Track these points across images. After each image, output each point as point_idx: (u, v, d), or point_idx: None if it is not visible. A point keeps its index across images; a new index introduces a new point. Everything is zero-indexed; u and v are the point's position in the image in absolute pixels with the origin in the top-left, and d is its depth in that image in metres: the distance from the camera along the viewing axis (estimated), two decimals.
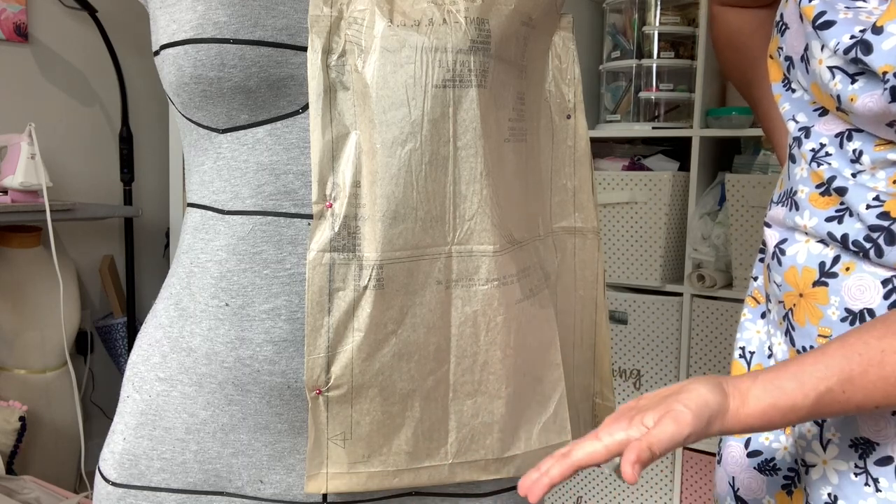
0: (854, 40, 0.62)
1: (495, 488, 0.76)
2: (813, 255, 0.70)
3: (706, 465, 2.07)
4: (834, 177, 0.68)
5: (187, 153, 0.73)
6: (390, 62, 0.64)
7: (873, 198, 0.65)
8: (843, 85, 0.64)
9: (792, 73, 0.73)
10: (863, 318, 0.66)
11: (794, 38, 0.71)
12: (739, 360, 0.81)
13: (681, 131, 2.10)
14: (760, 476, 0.76)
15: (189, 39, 0.64)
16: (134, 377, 0.74)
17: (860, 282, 0.66)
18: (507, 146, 0.71)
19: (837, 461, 0.68)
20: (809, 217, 0.70)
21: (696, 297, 2.05)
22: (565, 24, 0.79)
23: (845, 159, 0.67)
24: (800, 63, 0.70)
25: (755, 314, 0.82)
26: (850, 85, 0.63)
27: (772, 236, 0.75)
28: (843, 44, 0.63)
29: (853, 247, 0.66)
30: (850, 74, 0.63)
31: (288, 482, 0.71)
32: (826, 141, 0.69)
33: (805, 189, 0.70)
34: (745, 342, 0.82)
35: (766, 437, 0.77)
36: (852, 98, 0.63)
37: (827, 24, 0.65)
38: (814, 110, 0.71)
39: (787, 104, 0.74)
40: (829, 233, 0.68)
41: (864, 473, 0.66)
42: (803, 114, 0.72)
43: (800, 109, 0.72)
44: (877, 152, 0.65)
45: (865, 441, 0.66)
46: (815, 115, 0.71)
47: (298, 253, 0.66)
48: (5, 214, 2.02)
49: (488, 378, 0.70)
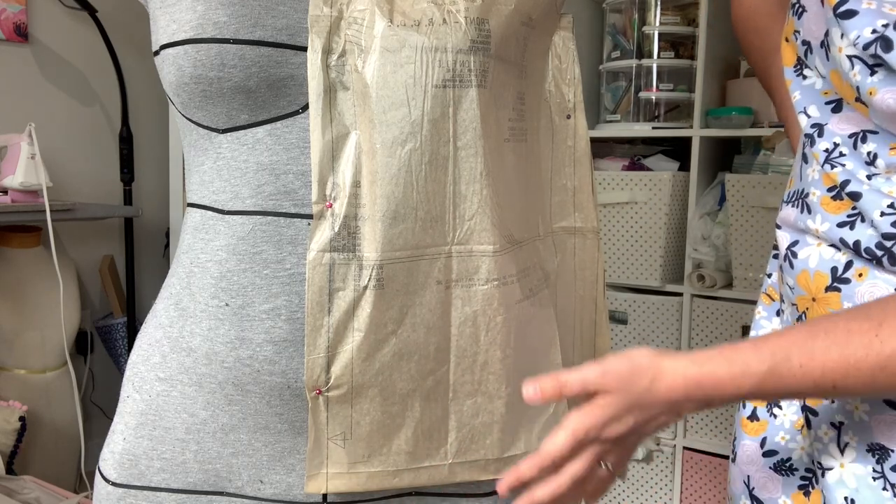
0: (875, 35, 0.60)
1: (495, 488, 0.76)
2: (825, 259, 0.69)
3: (706, 465, 2.07)
4: (848, 180, 0.66)
5: (187, 153, 0.73)
6: (390, 62, 0.64)
7: (888, 205, 0.64)
8: (862, 76, 0.62)
9: (809, 59, 0.71)
10: None
11: (813, 22, 0.69)
12: None
13: (681, 131, 2.10)
14: (777, 476, 0.76)
15: (189, 39, 0.64)
16: (134, 377, 0.74)
17: (873, 288, 0.65)
18: (507, 146, 0.71)
19: (855, 465, 0.67)
20: (821, 221, 0.69)
21: (696, 297, 2.05)
22: (565, 24, 0.79)
23: (860, 161, 0.66)
24: (819, 49, 0.69)
25: (770, 312, 0.81)
26: (870, 77, 0.61)
27: (783, 238, 0.74)
28: (864, 38, 0.61)
29: (865, 254, 0.65)
30: (870, 66, 0.61)
31: (288, 482, 0.71)
32: (840, 141, 0.68)
33: (817, 192, 0.69)
34: None
35: (783, 437, 0.76)
36: (871, 91, 0.62)
37: (849, 13, 0.63)
38: (826, 103, 0.69)
39: (797, 92, 0.72)
40: (841, 238, 0.67)
41: (881, 478, 0.66)
42: (815, 107, 0.70)
43: (811, 101, 0.71)
44: (892, 156, 0.64)
45: (881, 447, 0.66)
46: (827, 109, 0.69)
47: (298, 253, 0.66)
48: (5, 214, 2.02)
49: (488, 378, 0.70)
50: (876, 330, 0.58)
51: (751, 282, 1.98)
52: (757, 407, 0.79)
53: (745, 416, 0.80)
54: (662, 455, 2.12)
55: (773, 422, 0.77)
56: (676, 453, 2.11)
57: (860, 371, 0.58)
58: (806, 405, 0.73)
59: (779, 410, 0.77)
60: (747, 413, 0.80)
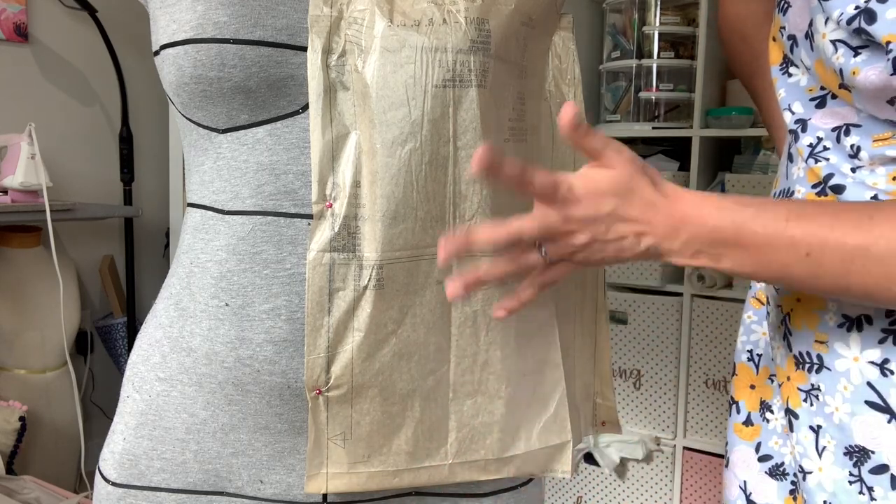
0: (858, 10, 0.60)
1: (495, 488, 0.76)
2: None
3: (706, 465, 2.07)
4: (831, 174, 0.67)
5: (187, 153, 0.73)
6: (390, 62, 0.64)
7: (871, 197, 0.64)
8: (845, 58, 0.62)
9: (795, 53, 0.71)
10: (860, 325, 0.66)
11: (798, 15, 0.70)
12: (748, 364, 0.81)
13: (681, 131, 2.10)
14: (772, 481, 0.76)
15: (189, 39, 0.64)
16: (134, 377, 0.74)
17: None
18: (507, 146, 0.71)
19: (833, 468, 0.67)
20: None
21: (696, 297, 2.05)
22: (565, 24, 0.79)
23: (843, 154, 0.66)
24: (804, 41, 0.69)
25: (760, 316, 0.81)
26: (853, 58, 0.61)
27: None
28: (847, 14, 0.61)
29: None
30: (854, 47, 0.61)
31: (288, 482, 0.71)
32: (823, 135, 0.68)
33: (801, 189, 0.70)
34: (752, 345, 0.81)
35: (776, 442, 0.76)
36: (854, 71, 0.61)
37: None
38: (810, 100, 0.70)
39: (782, 90, 0.73)
40: None
41: (858, 482, 0.66)
42: (800, 103, 0.71)
43: (796, 97, 0.71)
44: (875, 148, 0.64)
45: (861, 449, 0.66)
46: (811, 105, 0.69)
47: (298, 253, 0.66)
48: (5, 214, 2.02)
49: (488, 378, 0.70)
50: (871, 213, 0.58)
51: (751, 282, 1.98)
52: (751, 412, 0.79)
53: (739, 421, 0.80)
54: (662, 455, 2.12)
55: (766, 426, 0.77)
56: (676, 453, 2.11)
57: (841, 248, 0.57)
58: (788, 408, 0.72)
59: (771, 415, 0.77)
60: (742, 419, 0.80)
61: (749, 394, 0.80)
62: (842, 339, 0.67)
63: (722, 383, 2.02)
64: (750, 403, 0.80)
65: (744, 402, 0.80)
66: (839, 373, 0.67)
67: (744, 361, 0.81)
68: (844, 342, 0.67)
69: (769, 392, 0.78)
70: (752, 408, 0.79)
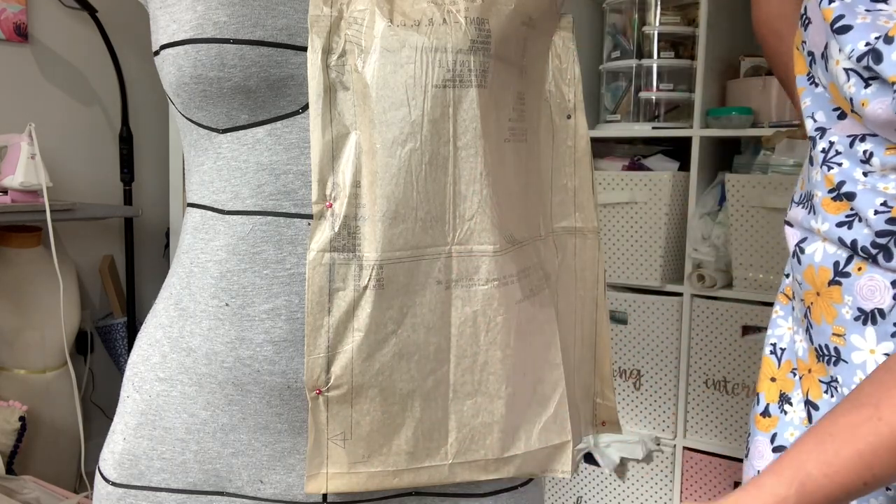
0: (868, 48, 0.62)
1: (495, 488, 0.76)
2: (829, 254, 0.71)
3: (706, 465, 2.07)
4: (843, 181, 0.69)
5: (187, 153, 0.73)
6: (390, 62, 0.64)
7: (881, 203, 0.66)
8: (856, 88, 0.64)
9: (813, 69, 0.73)
10: (874, 319, 0.68)
11: (816, 34, 0.71)
12: (770, 357, 0.83)
13: (681, 131, 2.10)
14: None
15: (189, 39, 0.64)
16: (134, 377, 0.74)
17: (871, 282, 0.68)
18: (507, 146, 0.71)
19: None
20: (822, 222, 0.71)
21: (696, 297, 2.05)
22: (565, 24, 0.79)
23: (855, 160, 0.68)
24: (820, 60, 0.71)
25: (787, 311, 0.83)
26: (864, 89, 0.64)
27: (792, 235, 0.76)
28: (858, 51, 0.63)
29: (862, 252, 0.67)
30: (865, 79, 0.64)
31: (288, 482, 0.71)
32: (836, 140, 0.70)
33: (819, 193, 0.72)
34: (776, 339, 0.83)
35: (792, 433, 0.78)
36: (864, 102, 0.64)
37: (844, 28, 0.65)
38: (833, 110, 0.71)
39: (808, 99, 0.74)
40: (839, 238, 0.69)
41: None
42: (822, 112, 0.72)
43: (819, 107, 0.73)
44: (887, 156, 0.66)
45: None
46: (833, 115, 0.71)
47: (298, 253, 0.66)
48: (5, 214, 2.02)
49: (488, 378, 0.70)
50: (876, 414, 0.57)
51: (751, 282, 1.98)
52: (770, 403, 0.81)
53: (758, 412, 0.82)
54: (662, 455, 2.12)
55: (784, 418, 0.79)
56: (676, 453, 2.11)
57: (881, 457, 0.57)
58: (808, 399, 0.74)
59: (789, 407, 0.79)
60: (760, 410, 0.82)
61: (769, 386, 0.82)
62: (858, 332, 0.69)
63: (722, 383, 2.02)
64: (769, 395, 0.82)
65: (763, 394, 0.82)
66: (856, 365, 0.69)
67: (767, 354, 0.83)
68: (860, 335, 0.69)
69: (790, 385, 0.80)
70: (771, 399, 0.81)
